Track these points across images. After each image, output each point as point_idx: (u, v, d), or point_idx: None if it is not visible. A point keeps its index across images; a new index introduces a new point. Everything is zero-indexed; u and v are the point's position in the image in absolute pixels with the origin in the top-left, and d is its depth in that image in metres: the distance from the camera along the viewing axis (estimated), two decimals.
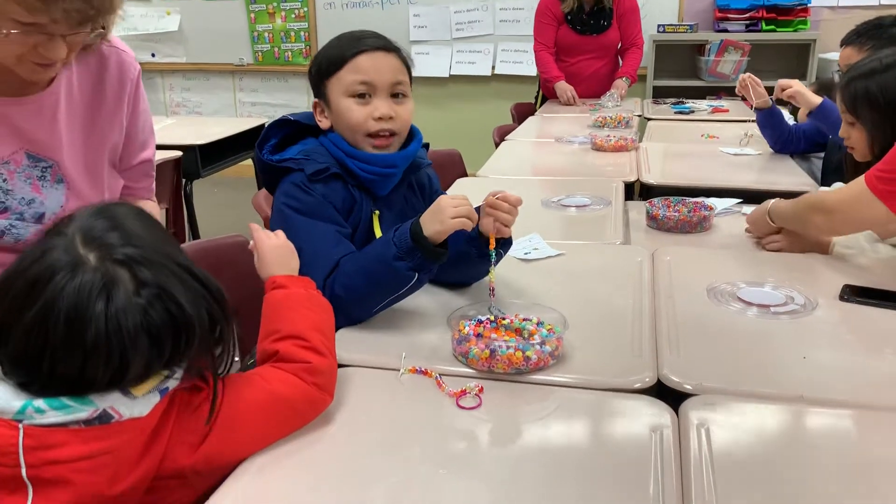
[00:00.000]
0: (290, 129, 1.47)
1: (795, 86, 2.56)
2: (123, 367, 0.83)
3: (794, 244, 1.70)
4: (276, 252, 1.18)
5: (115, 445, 0.83)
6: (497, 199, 1.29)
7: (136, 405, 0.85)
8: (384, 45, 1.38)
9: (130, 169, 1.48)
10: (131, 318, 0.82)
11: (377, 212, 1.42)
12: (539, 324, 1.22)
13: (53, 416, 0.81)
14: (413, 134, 1.46)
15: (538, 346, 1.14)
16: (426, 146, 1.53)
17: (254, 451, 0.95)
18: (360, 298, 1.28)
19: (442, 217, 1.22)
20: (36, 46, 1.13)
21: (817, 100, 2.48)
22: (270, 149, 1.44)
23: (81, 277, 0.82)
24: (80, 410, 0.82)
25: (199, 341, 0.88)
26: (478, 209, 1.30)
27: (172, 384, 0.89)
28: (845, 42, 2.43)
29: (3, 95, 1.22)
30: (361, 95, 1.37)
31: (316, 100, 1.44)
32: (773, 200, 1.74)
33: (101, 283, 0.82)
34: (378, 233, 1.40)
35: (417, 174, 1.52)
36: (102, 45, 1.33)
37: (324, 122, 1.43)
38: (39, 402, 0.81)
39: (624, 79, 4.10)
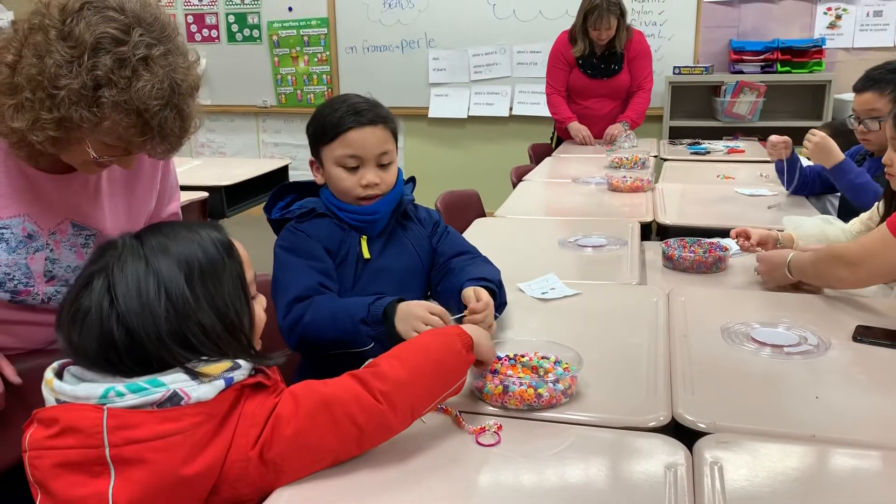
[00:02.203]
0: (297, 192, 1.64)
1: (821, 137, 2.47)
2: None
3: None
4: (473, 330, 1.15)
5: (185, 426, 0.89)
6: (469, 312, 1.39)
7: (201, 388, 0.92)
8: (372, 119, 1.51)
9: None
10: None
11: (364, 237, 1.56)
12: (556, 362, 1.25)
13: (132, 399, 0.89)
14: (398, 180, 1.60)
15: (551, 384, 1.17)
16: (412, 180, 1.67)
17: (310, 458, 0.98)
18: (318, 332, 1.41)
19: (413, 324, 1.33)
20: (111, 158, 1.20)
21: (839, 157, 2.41)
22: (279, 209, 1.61)
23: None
24: (153, 392, 0.90)
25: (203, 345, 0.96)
26: (459, 319, 1.38)
27: (239, 376, 0.96)
28: (863, 88, 2.39)
29: (50, 173, 1.29)
30: (351, 167, 1.51)
31: (311, 158, 1.60)
32: (790, 253, 1.72)
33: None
34: (366, 254, 1.56)
35: (413, 210, 1.67)
36: None
37: (319, 178, 1.60)
38: (119, 386, 0.90)
39: (623, 123, 4.14)
